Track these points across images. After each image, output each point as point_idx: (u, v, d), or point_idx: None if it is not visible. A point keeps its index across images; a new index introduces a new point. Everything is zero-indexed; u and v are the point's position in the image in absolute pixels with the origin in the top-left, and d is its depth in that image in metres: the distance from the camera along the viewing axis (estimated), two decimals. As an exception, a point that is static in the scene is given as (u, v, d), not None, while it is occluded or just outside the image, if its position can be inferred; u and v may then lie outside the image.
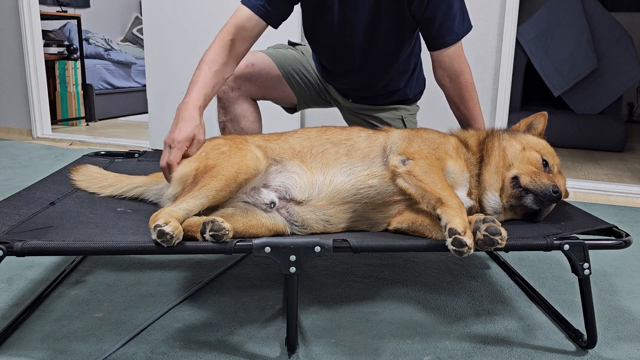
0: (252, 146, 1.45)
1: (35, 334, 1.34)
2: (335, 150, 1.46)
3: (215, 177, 1.31)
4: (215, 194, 1.30)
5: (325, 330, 1.39)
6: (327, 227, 1.40)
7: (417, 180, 1.31)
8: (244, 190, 1.38)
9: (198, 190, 1.29)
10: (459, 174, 1.41)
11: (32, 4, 4.31)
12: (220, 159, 1.36)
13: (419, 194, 1.31)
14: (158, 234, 1.14)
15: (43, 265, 1.76)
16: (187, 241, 1.22)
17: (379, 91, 1.95)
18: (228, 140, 1.48)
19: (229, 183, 1.32)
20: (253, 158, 1.38)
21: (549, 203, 1.38)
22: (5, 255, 1.12)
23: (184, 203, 1.26)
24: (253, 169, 1.36)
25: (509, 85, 3.07)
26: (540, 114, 1.58)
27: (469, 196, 1.42)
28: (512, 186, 1.40)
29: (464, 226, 1.15)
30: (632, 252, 2.00)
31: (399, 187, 1.36)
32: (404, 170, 1.35)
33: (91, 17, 6.61)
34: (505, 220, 1.44)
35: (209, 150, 1.43)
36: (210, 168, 1.34)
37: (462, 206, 1.24)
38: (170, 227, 1.15)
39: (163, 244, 1.15)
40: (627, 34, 4.31)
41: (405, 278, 1.73)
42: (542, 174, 1.40)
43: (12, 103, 4.52)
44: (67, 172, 1.71)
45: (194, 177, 1.35)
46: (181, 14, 3.54)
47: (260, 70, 1.92)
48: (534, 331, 1.41)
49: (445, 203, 1.23)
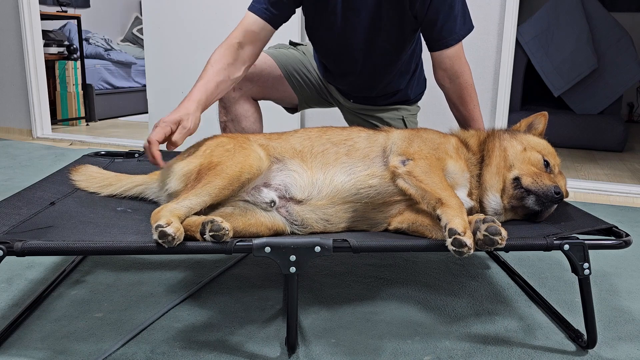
0: (255, 145, 1.45)
1: (35, 334, 1.34)
2: (336, 150, 1.46)
3: (219, 175, 1.31)
4: (219, 192, 1.30)
5: (325, 330, 1.39)
6: (327, 227, 1.40)
7: (417, 180, 1.31)
8: (246, 189, 1.38)
9: (201, 187, 1.29)
10: (459, 174, 1.41)
11: (32, 4, 4.31)
12: (224, 157, 1.36)
13: (419, 194, 1.31)
14: (159, 235, 1.13)
15: (43, 265, 1.76)
16: (187, 241, 1.22)
17: (380, 92, 1.95)
18: (232, 138, 1.47)
19: (232, 182, 1.32)
20: (256, 158, 1.38)
21: (551, 204, 1.38)
22: (5, 255, 1.12)
23: (186, 200, 1.26)
24: (256, 168, 1.36)
25: (509, 85, 3.07)
26: (540, 114, 1.58)
27: (469, 197, 1.42)
28: (514, 187, 1.40)
29: (463, 226, 1.15)
30: (632, 252, 2.00)
31: (399, 187, 1.36)
32: (404, 170, 1.35)
33: (91, 17, 6.61)
34: (506, 220, 1.44)
35: (213, 147, 1.43)
36: (214, 165, 1.34)
37: (462, 206, 1.24)
38: (172, 228, 1.14)
39: (164, 245, 1.15)
40: (627, 34, 4.31)
41: (405, 278, 1.73)
42: (543, 174, 1.40)
43: (12, 103, 4.52)
44: (67, 172, 1.71)
45: (197, 174, 1.34)
46: (181, 14, 3.54)
47: (262, 71, 1.92)
48: (534, 331, 1.41)
49: (445, 203, 1.23)
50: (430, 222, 1.30)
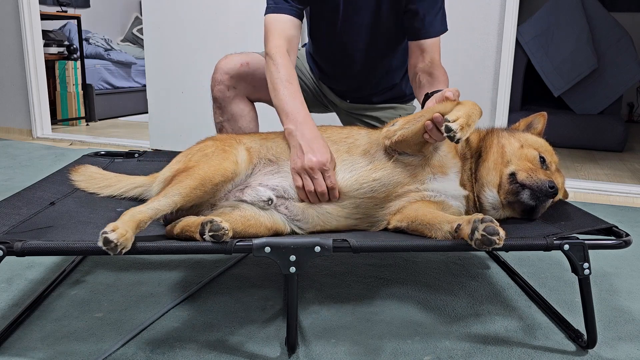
0: (241, 148, 1.45)
1: (35, 334, 1.34)
2: (336, 148, 1.47)
3: (191, 176, 1.32)
4: (190, 191, 1.29)
5: (325, 330, 1.39)
6: (328, 223, 1.40)
7: (401, 126, 1.39)
8: (225, 190, 1.38)
9: (171, 187, 1.29)
10: (450, 158, 1.44)
11: (32, 4, 4.31)
12: (200, 161, 1.38)
13: (410, 130, 1.36)
14: (103, 241, 1.08)
15: (43, 265, 1.76)
16: (187, 241, 1.22)
17: (375, 87, 1.95)
18: (218, 141, 1.48)
19: (204, 182, 1.32)
20: (233, 162, 1.39)
21: (545, 198, 1.39)
22: (5, 255, 1.13)
23: (154, 202, 1.25)
24: (231, 172, 1.37)
25: (509, 85, 3.07)
26: (540, 114, 1.59)
27: (462, 186, 1.44)
28: (509, 182, 1.41)
29: (455, 116, 1.25)
30: (632, 252, 2.00)
31: (392, 142, 1.39)
32: (392, 128, 1.41)
33: (91, 17, 6.61)
34: (505, 218, 1.45)
35: (194, 152, 1.44)
36: (188, 169, 1.35)
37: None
38: (116, 235, 1.08)
39: (109, 252, 1.09)
40: (627, 34, 4.31)
41: (405, 278, 1.73)
42: (538, 170, 1.41)
43: (12, 103, 4.52)
44: (66, 173, 1.71)
45: (172, 178, 1.35)
46: (181, 14, 3.54)
47: (255, 70, 1.91)
48: (534, 331, 1.41)
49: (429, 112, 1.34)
50: (430, 221, 1.31)
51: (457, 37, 2.97)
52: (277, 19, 1.63)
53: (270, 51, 1.59)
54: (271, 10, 1.66)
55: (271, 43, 1.60)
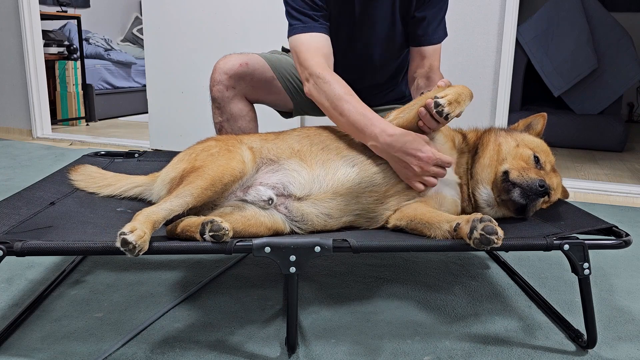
0: (244, 147, 1.46)
1: (35, 334, 1.34)
2: (337, 146, 1.48)
3: (201, 176, 1.31)
4: (201, 192, 1.29)
5: (325, 330, 1.39)
6: (328, 222, 1.41)
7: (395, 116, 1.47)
8: (232, 190, 1.38)
9: (182, 188, 1.29)
10: (446, 146, 1.47)
11: (32, 4, 4.31)
12: (207, 161, 1.37)
13: (404, 118, 1.43)
14: (121, 243, 1.09)
15: (43, 265, 1.76)
16: (187, 241, 1.22)
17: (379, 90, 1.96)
18: (220, 141, 1.48)
19: (215, 183, 1.32)
20: (240, 161, 1.39)
21: (535, 197, 1.39)
22: (5, 255, 1.12)
23: (167, 202, 1.25)
24: (239, 171, 1.37)
25: (509, 85, 3.07)
26: (539, 114, 1.60)
27: (457, 175, 1.48)
28: (502, 180, 1.43)
29: (445, 93, 1.32)
30: (632, 252, 2.00)
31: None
32: (387, 119, 1.45)
33: (91, 17, 6.61)
34: (503, 217, 1.45)
35: (198, 152, 1.44)
36: (196, 169, 1.35)
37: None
38: (134, 236, 1.09)
39: (127, 254, 1.09)
40: (627, 34, 4.31)
41: (405, 278, 1.73)
42: (531, 169, 1.42)
43: (12, 103, 4.52)
44: (66, 172, 1.71)
45: (180, 178, 1.35)
46: (181, 14, 3.54)
47: (254, 70, 1.91)
48: (534, 331, 1.41)
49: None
50: (429, 220, 1.31)
51: (457, 37, 2.98)
52: (310, 38, 1.60)
53: (315, 71, 1.54)
54: (299, 31, 1.63)
55: (311, 62, 1.56)
